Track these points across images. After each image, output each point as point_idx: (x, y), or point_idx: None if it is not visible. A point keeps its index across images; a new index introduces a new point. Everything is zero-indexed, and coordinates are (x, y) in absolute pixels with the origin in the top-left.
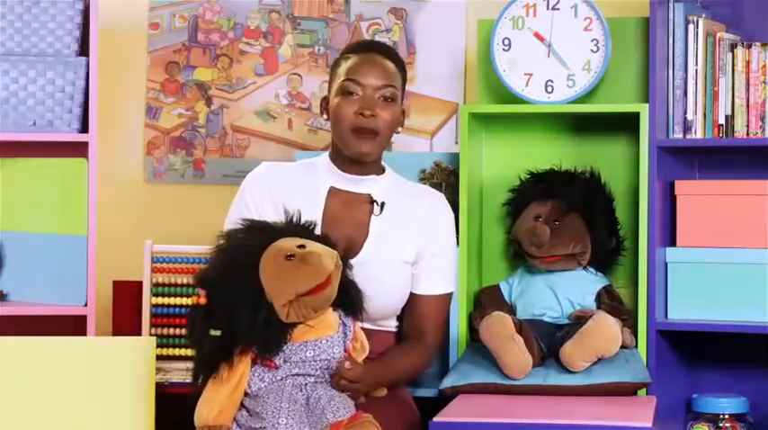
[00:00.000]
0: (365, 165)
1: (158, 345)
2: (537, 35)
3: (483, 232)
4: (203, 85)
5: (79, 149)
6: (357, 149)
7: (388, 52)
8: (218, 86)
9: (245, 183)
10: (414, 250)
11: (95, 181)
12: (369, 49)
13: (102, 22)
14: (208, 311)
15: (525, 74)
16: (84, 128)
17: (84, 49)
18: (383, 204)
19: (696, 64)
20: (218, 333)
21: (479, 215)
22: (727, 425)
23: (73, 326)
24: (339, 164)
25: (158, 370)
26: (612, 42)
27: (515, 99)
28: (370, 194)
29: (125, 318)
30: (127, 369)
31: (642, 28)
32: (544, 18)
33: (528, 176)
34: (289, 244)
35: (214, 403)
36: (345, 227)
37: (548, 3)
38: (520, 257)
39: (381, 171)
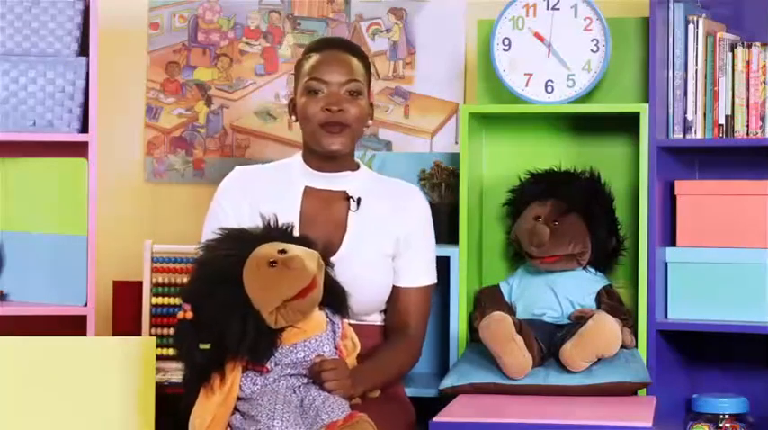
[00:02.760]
0: (338, 162)
1: (158, 345)
2: (537, 35)
3: (483, 232)
4: (203, 85)
5: (79, 149)
6: (328, 145)
7: (350, 47)
8: (218, 86)
9: (220, 189)
10: (393, 243)
11: (95, 181)
12: (329, 46)
13: (102, 22)
14: (195, 325)
15: (525, 74)
16: (84, 128)
17: (84, 49)
18: (359, 200)
19: (696, 64)
20: (207, 346)
21: (479, 215)
22: (727, 425)
23: (73, 326)
24: (312, 163)
25: (158, 370)
26: (612, 42)
27: (515, 99)
28: (345, 191)
29: (125, 318)
30: (127, 369)
31: (642, 28)
32: (544, 18)
33: (528, 176)
34: (269, 250)
35: (206, 413)
36: (323, 225)
37: (548, 3)
38: (520, 257)
39: (355, 167)
